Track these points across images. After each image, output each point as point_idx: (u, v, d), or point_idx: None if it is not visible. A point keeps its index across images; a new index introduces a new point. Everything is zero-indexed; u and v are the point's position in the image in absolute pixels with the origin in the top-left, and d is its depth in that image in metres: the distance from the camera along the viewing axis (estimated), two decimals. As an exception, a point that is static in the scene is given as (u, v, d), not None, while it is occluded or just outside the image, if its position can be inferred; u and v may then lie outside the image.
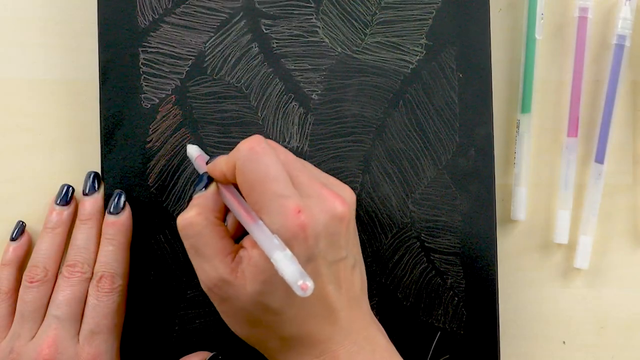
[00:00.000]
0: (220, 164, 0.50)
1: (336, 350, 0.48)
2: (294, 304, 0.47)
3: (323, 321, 0.48)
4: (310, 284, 0.42)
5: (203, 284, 0.49)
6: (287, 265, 0.43)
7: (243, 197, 0.49)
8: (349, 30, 0.57)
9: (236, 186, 0.50)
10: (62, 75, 0.58)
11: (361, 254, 0.51)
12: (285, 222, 0.46)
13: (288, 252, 0.44)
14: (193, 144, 0.56)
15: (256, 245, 0.47)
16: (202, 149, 0.56)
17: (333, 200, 0.48)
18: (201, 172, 0.52)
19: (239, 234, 0.51)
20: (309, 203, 0.47)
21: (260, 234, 0.46)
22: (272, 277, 0.46)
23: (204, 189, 0.50)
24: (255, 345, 0.50)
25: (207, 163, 0.52)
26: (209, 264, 0.48)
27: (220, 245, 0.48)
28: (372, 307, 0.56)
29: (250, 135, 0.56)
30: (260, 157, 0.47)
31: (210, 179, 0.51)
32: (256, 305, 0.47)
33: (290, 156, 0.50)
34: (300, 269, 0.43)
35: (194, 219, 0.49)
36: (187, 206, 0.50)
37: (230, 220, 0.52)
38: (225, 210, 0.51)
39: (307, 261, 0.46)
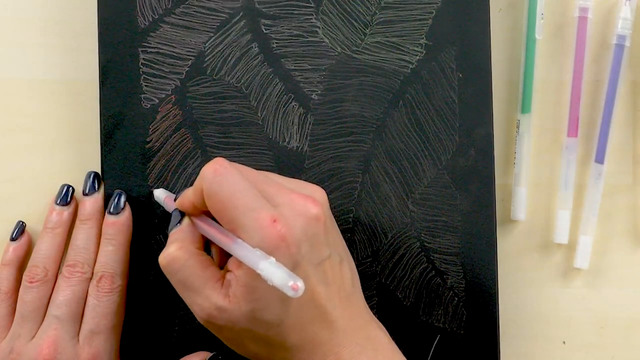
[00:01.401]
0: (188, 195, 0.50)
1: (338, 352, 0.48)
2: (290, 312, 0.47)
3: (320, 324, 0.48)
4: (300, 283, 0.42)
5: (199, 317, 0.49)
6: (273, 271, 0.43)
7: (217, 222, 0.49)
8: (348, 30, 0.57)
9: (208, 214, 0.49)
10: (62, 75, 0.59)
11: (346, 249, 0.51)
12: (263, 235, 0.45)
13: (272, 259, 0.44)
14: (158, 188, 0.56)
15: (241, 265, 0.46)
16: (202, 149, 0.56)
17: (304, 203, 0.47)
18: (171, 210, 0.52)
19: (225, 262, 0.51)
20: (282, 211, 0.47)
21: (241, 250, 0.46)
22: (263, 292, 0.46)
23: (178, 224, 0.50)
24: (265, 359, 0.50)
25: (175, 200, 0.52)
26: (201, 296, 0.48)
27: (207, 274, 0.48)
28: (372, 307, 0.56)
29: (250, 135, 0.56)
30: (225, 177, 0.47)
31: (182, 214, 0.51)
32: (254, 323, 0.47)
33: (253, 172, 0.50)
34: (288, 271, 0.43)
35: (175, 254, 0.49)
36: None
37: (213, 250, 0.52)
38: (204, 241, 0.51)
39: (293, 268, 0.46)
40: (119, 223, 0.55)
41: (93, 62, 0.57)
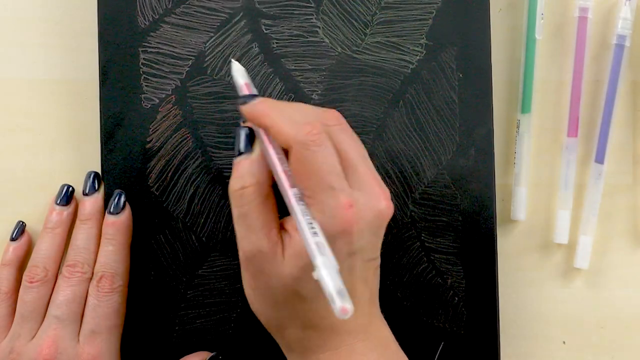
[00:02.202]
0: (271, 124, 0.48)
1: (352, 344, 0.48)
2: (323, 295, 0.47)
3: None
4: (349, 307, 0.41)
5: (243, 252, 0.48)
6: (329, 277, 0.41)
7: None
8: (349, 30, 0.57)
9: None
10: (62, 75, 0.58)
11: None
12: (335, 214, 0.45)
13: (332, 260, 0.43)
14: (237, 61, 0.53)
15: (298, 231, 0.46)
16: (202, 149, 0.56)
17: (382, 199, 0.47)
18: (241, 90, 0.50)
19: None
20: (357, 197, 0.47)
21: (303, 223, 0.45)
22: (309, 265, 0.45)
23: (247, 152, 0.49)
24: (274, 330, 0.50)
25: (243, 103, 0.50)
26: (255, 234, 0.47)
27: (269, 218, 0.48)
28: (372, 307, 0.56)
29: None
30: (320, 149, 0.47)
31: (253, 139, 0.49)
32: (288, 288, 0.47)
33: (354, 143, 0.49)
34: (341, 286, 0.41)
35: (251, 190, 0.48)
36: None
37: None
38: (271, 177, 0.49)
39: (348, 256, 0.46)
40: (119, 223, 0.55)
41: (93, 62, 0.57)
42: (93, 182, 0.56)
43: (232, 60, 0.54)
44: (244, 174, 0.49)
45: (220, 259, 0.56)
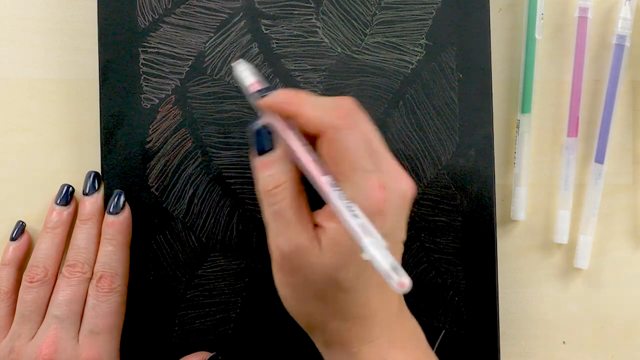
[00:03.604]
0: (297, 111, 0.47)
1: (390, 334, 0.48)
2: (362, 282, 0.47)
3: (385, 302, 0.48)
4: (407, 280, 0.41)
5: (280, 251, 0.47)
6: (380, 256, 0.41)
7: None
8: (349, 31, 0.57)
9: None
10: (62, 75, 0.58)
11: None
12: (368, 195, 0.45)
13: (380, 240, 0.42)
14: (241, 60, 0.52)
15: (332, 219, 0.46)
16: (202, 149, 0.56)
17: (407, 181, 0.48)
18: (249, 89, 0.49)
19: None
20: (387, 179, 0.47)
21: (342, 208, 0.44)
22: (348, 252, 0.46)
23: (272, 149, 0.48)
24: (314, 326, 0.49)
25: (263, 95, 0.49)
26: (292, 230, 0.47)
27: (304, 212, 0.48)
28: (372, 307, 0.56)
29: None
30: (353, 131, 0.47)
31: (270, 137, 0.48)
32: (328, 279, 0.47)
33: (372, 127, 0.49)
34: (394, 262, 0.41)
35: (285, 185, 0.47)
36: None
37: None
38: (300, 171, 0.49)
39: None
40: (119, 223, 0.55)
41: (93, 62, 0.57)
42: (93, 182, 0.56)
43: (240, 60, 0.52)
44: (275, 173, 0.48)
45: (220, 259, 0.56)
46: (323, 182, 0.46)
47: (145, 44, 0.56)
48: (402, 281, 0.40)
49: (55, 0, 0.58)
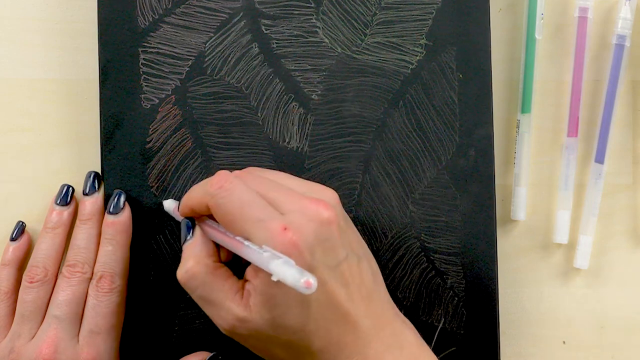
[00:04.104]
0: (189, 203, 0.51)
1: (364, 352, 0.48)
2: (311, 317, 0.47)
3: (343, 326, 0.48)
4: (312, 279, 0.42)
5: (222, 329, 0.49)
6: (285, 270, 0.43)
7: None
8: (349, 31, 0.57)
9: (214, 219, 0.50)
10: (62, 75, 0.58)
11: (365, 247, 0.51)
12: (274, 244, 0.46)
13: (284, 258, 0.44)
14: (167, 199, 0.56)
15: (257, 275, 0.47)
16: (202, 149, 0.56)
17: (316, 207, 0.47)
18: (180, 219, 0.53)
19: (231, 258, 0.52)
20: (292, 218, 0.47)
21: (252, 253, 0.46)
22: (281, 298, 0.46)
23: (190, 236, 0.51)
24: None
25: (178, 209, 0.53)
26: (223, 309, 0.48)
27: (227, 287, 0.49)
28: (372, 307, 0.56)
29: (250, 135, 0.56)
30: (230, 192, 0.48)
31: (193, 224, 0.51)
32: (277, 330, 0.47)
33: (260, 179, 0.50)
34: (299, 268, 0.43)
35: (194, 270, 0.49)
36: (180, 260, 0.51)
37: (222, 250, 0.52)
38: (219, 249, 0.51)
39: (311, 272, 0.46)
40: (119, 223, 0.55)
41: (93, 62, 0.57)
42: (93, 182, 0.56)
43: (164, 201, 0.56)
44: (185, 260, 0.50)
45: (220, 259, 0.56)
46: (233, 242, 0.48)
47: (145, 44, 0.56)
48: (308, 281, 0.42)
49: (55, 0, 0.58)
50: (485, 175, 0.57)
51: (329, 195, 0.50)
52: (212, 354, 0.55)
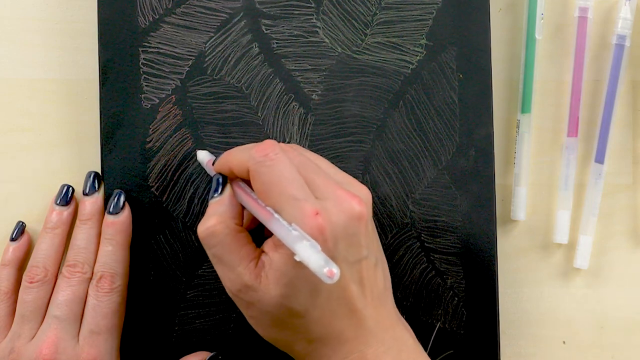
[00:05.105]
0: (229, 161, 0.51)
1: (363, 350, 0.48)
2: (318, 305, 0.47)
3: (348, 321, 0.48)
4: (336, 269, 0.42)
5: (228, 290, 0.49)
6: (310, 254, 0.43)
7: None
8: (349, 31, 0.57)
9: (247, 183, 0.50)
10: (62, 75, 0.58)
11: (382, 252, 0.51)
12: (303, 225, 0.46)
13: (310, 241, 0.44)
14: (202, 149, 0.56)
15: (277, 249, 0.47)
16: (202, 149, 0.56)
17: (350, 201, 0.47)
18: (212, 174, 0.53)
19: (253, 227, 0.52)
20: (326, 205, 0.47)
21: (279, 228, 0.46)
22: (294, 279, 0.46)
23: (218, 193, 0.51)
24: (283, 348, 0.50)
25: (214, 163, 0.52)
26: (233, 272, 0.48)
27: (243, 252, 0.49)
28: (372, 307, 0.56)
29: (250, 135, 0.56)
30: (274, 163, 0.48)
31: (224, 182, 0.51)
32: (281, 309, 0.47)
33: (304, 159, 0.50)
34: (325, 256, 0.43)
35: (215, 228, 0.49)
36: (203, 212, 0.51)
37: (245, 213, 0.53)
38: (243, 213, 0.51)
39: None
40: (119, 223, 0.55)
41: (93, 62, 0.57)
42: (93, 182, 0.56)
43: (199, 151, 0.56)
44: (208, 216, 0.50)
45: (220, 259, 0.56)
46: (263, 212, 0.48)
47: (146, 43, 0.56)
48: (331, 270, 0.42)
49: (55, 0, 0.58)
50: (485, 175, 0.57)
51: (364, 192, 0.50)
52: (212, 354, 0.55)
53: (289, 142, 0.57)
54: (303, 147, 0.56)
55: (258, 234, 0.51)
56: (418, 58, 0.57)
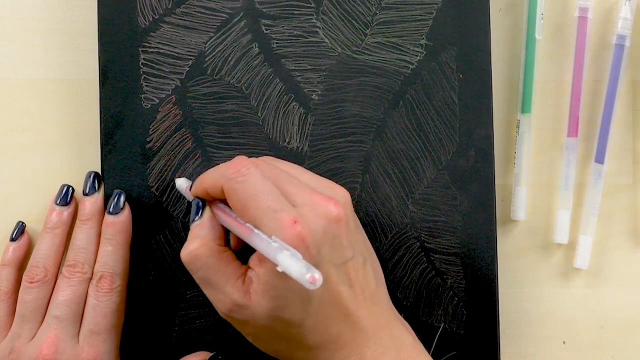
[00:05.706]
0: (203, 183, 0.51)
1: (361, 352, 0.48)
2: (311, 312, 0.47)
3: (344, 325, 0.48)
4: (317, 275, 0.42)
5: (221, 312, 0.49)
6: (291, 263, 0.43)
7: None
8: (349, 31, 0.57)
9: (226, 203, 0.50)
10: (62, 75, 0.58)
11: (371, 249, 0.52)
12: (282, 235, 0.46)
13: (291, 250, 0.44)
14: (179, 177, 0.56)
15: (262, 263, 0.47)
16: (202, 149, 0.56)
17: (326, 204, 0.48)
18: (191, 199, 0.53)
19: (241, 246, 0.52)
20: (302, 212, 0.47)
21: (259, 241, 0.46)
22: (283, 290, 0.47)
23: (199, 217, 0.51)
24: (284, 358, 0.50)
25: (190, 188, 0.53)
26: (222, 292, 0.48)
27: (229, 271, 0.49)
28: (372, 307, 0.56)
29: (250, 135, 0.56)
30: (246, 178, 0.48)
31: (204, 205, 0.51)
32: (275, 321, 0.47)
33: (276, 170, 0.50)
34: (306, 263, 0.43)
35: (198, 251, 0.49)
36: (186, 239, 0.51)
37: (231, 235, 0.53)
38: (226, 233, 0.51)
39: (315, 267, 0.46)
40: (118, 223, 0.55)
41: (93, 62, 0.57)
42: (93, 182, 0.56)
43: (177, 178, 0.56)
44: (190, 240, 0.50)
45: (220, 259, 0.56)
46: (242, 229, 0.48)
47: (146, 44, 0.56)
48: (313, 276, 0.42)
49: (55, 0, 0.58)
50: (485, 175, 0.57)
51: (341, 193, 0.50)
52: (212, 354, 0.55)
53: (289, 142, 0.57)
54: (301, 147, 0.57)
55: (248, 253, 0.50)
56: (418, 58, 0.57)
